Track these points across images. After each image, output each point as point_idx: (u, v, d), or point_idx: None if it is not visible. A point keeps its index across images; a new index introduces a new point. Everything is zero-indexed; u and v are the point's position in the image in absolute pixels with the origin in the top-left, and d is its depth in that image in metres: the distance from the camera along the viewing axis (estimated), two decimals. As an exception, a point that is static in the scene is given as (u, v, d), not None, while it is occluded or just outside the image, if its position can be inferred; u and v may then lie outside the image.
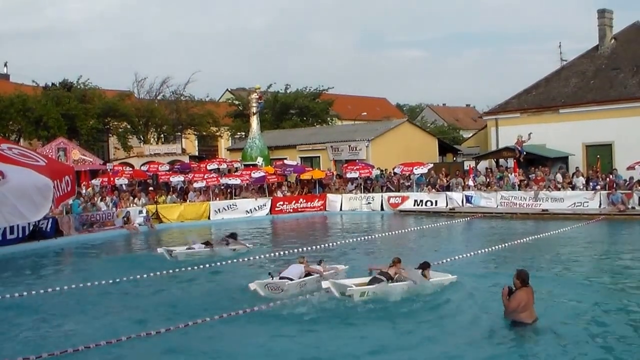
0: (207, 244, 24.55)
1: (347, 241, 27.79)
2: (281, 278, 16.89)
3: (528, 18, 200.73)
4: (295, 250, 24.32)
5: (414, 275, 16.20)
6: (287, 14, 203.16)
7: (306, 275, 17.33)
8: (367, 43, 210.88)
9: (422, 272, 16.47)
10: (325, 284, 16.11)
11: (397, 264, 16.37)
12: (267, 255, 24.45)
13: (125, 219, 34.62)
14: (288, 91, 76.14)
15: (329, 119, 78.05)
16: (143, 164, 49.54)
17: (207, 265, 21.75)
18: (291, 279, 16.80)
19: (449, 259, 21.00)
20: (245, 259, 23.25)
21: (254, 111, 49.63)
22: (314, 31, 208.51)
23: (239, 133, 73.61)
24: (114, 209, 35.72)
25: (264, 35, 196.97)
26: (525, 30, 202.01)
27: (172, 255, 23.68)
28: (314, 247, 25.60)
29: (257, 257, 23.74)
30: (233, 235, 25.17)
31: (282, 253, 24.37)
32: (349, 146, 52.10)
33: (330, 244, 26.75)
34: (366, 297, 15.50)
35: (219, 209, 39.42)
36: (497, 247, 24.09)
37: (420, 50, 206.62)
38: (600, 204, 34.97)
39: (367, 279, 16.31)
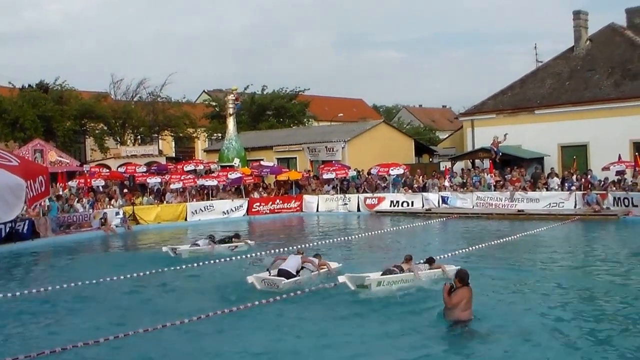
0: (210, 238, 25.20)
1: (325, 242, 27.83)
2: (280, 270, 17.65)
3: (504, 19, 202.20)
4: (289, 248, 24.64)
5: (422, 269, 17.50)
6: (264, 16, 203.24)
7: (303, 267, 18.12)
8: (343, 44, 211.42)
9: (429, 266, 17.81)
10: (341, 278, 16.85)
11: (409, 261, 17.53)
12: (265, 252, 24.60)
13: (102, 220, 34.49)
14: (265, 92, 76.27)
15: (305, 120, 78.17)
16: (120, 166, 49.43)
17: (199, 263, 22.22)
18: (288, 272, 17.52)
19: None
20: (244, 256, 23.97)
21: (231, 112, 49.54)
22: (291, 33, 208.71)
23: (215, 134, 73.53)
24: (91, 210, 35.62)
25: (240, 37, 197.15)
26: (501, 31, 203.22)
27: (176, 252, 24.08)
28: (294, 247, 25.65)
29: (254, 255, 24.29)
30: (236, 235, 26.12)
31: (278, 251, 24.61)
32: (326, 147, 52.20)
33: (310, 244, 26.77)
34: (382, 287, 16.35)
35: (195, 210, 39.31)
36: (473, 247, 24.23)
37: (397, 51, 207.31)
38: (576, 204, 35.24)
39: (378, 273, 17.05)
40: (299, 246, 23.51)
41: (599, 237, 28.24)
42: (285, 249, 24.88)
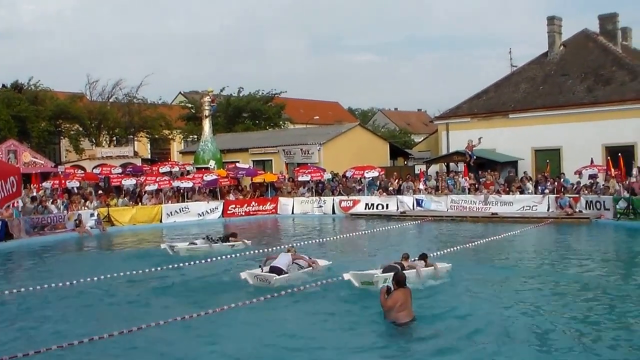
0: (207, 238, 25.90)
1: (301, 244, 27.86)
2: (271, 267, 18.35)
3: (480, 24, 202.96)
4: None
5: (420, 266, 18.23)
6: (241, 18, 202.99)
7: (294, 263, 18.94)
8: (320, 47, 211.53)
9: (424, 263, 18.54)
10: (346, 276, 17.55)
11: (407, 259, 18.31)
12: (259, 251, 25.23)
13: (76, 221, 34.35)
14: (241, 94, 76.16)
15: (281, 122, 78.21)
16: (95, 167, 49.29)
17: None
18: (280, 269, 18.21)
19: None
20: (241, 254, 24.54)
21: (207, 114, 49.51)
22: (267, 35, 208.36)
23: (191, 136, 73.47)
24: (65, 211, 35.46)
25: (217, 39, 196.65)
26: (476, 35, 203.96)
27: (174, 250, 24.74)
28: (274, 248, 25.99)
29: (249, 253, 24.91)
30: (233, 234, 26.54)
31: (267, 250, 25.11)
32: (301, 150, 52.27)
33: (274, 248, 26.89)
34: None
35: (171, 212, 39.29)
36: (447, 250, 24.38)
37: (373, 54, 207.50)
38: (549, 207, 35.60)
39: (377, 271, 17.69)
40: (291, 245, 23.78)
41: (571, 239, 28.50)
42: (276, 247, 25.49)
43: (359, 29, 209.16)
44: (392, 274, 16.87)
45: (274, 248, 25.47)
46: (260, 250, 25.13)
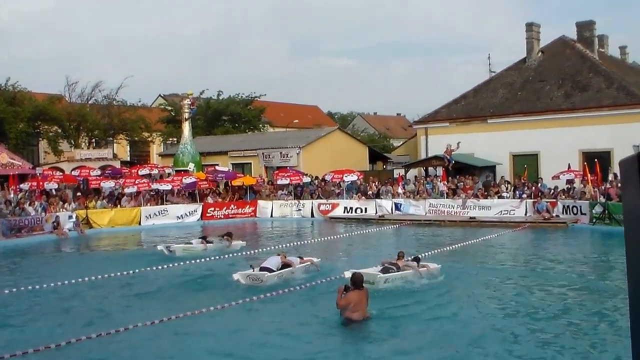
0: (203, 238, 26.54)
1: (279, 247, 27.98)
2: (261, 268, 18.69)
3: (459, 29, 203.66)
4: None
5: (415, 267, 18.67)
6: (221, 21, 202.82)
7: (283, 266, 19.18)
8: (299, 51, 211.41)
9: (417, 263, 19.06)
10: (347, 274, 17.47)
11: (402, 258, 19.09)
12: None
13: (54, 224, 34.24)
14: (220, 97, 75.99)
15: (260, 125, 78.15)
16: (74, 169, 49.06)
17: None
18: (270, 269, 18.56)
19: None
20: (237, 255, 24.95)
21: (186, 117, 49.46)
22: (247, 38, 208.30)
23: (170, 139, 73.19)
24: (43, 213, 35.31)
25: (197, 42, 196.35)
26: (455, 41, 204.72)
27: (170, 250, 25.03)
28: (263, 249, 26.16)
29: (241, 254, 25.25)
30: (229, 234, 26.76)
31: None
32: (280, 153, 52.32)
33: (266, 249, 27.02)
34: (388, 284, 17.51)
35: (150, 215, 39.26)
36: (426, 253, 24.50)
37: (353, 59, 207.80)
38: (526, 212, 35.89)
39: (377, 269, 18.13)
40: (279, 246, 23.99)
41: (548, 243, 28.76)
42: (266, 249, 26.03)
43: (338, 33, 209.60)
44: (392, 274, 17.54)
45: (263, 249, 25.88)
46: (255, 251, 25.50)
